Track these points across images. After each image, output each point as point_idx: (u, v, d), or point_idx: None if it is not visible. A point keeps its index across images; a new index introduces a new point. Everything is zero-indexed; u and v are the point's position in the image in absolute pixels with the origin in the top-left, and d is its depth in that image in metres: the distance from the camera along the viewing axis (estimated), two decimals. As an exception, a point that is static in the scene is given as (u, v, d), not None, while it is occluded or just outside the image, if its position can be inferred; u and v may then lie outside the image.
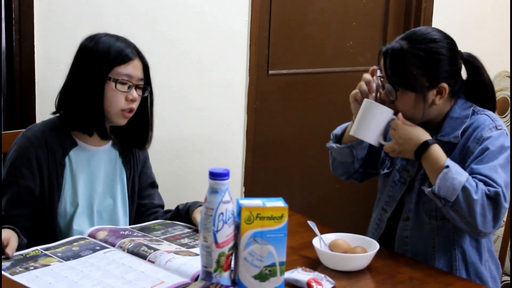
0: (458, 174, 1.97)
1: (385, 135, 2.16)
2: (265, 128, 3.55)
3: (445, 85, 2.10)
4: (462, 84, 2.18)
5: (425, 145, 2.05)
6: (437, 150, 2.05)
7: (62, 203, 2.18)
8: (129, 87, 2.17)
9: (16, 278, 1.79)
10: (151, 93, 2.28)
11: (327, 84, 3.74)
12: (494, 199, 1.96)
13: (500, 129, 2.09)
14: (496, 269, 2.21)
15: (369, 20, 3.82)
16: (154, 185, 2.43)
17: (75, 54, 2.22)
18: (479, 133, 2.08)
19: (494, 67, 4.30)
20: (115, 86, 2.14)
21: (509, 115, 4.16)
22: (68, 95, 2.19)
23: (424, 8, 3.88)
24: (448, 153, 2.09)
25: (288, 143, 3.66)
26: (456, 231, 2.11)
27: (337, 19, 3.70)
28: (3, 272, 1.81)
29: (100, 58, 2.14)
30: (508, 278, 3.41)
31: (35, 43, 2.74)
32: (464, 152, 2.10)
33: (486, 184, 1.98)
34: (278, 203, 1.71)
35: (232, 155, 3.40)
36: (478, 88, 2.20)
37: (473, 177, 1.99)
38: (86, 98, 2.15)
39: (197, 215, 2.15)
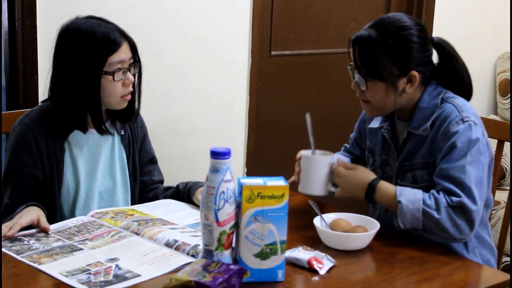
0: (412, 203, 1.98)
1: (333, 180, 2.14)
2: (268, 109, 3.56)
3: (415, 73, 2.07)
4: (434, 70, 2.15)
5: (371, 188, 2.07)
6: (383, 187, 2.06)
7: (64, 188, 2.18)
8: (124, 72, 2.14)
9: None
10: (139, 68, 2.22)
11: (329, 65, 3.74)
12: (459, 207, 1.96)
13: (467, 121, 2.03)
14: (491, 252, 2.20)
15: (371, 1, 3.82)
16: (153, 160, 2.42)
17: (56, 42, 2.16)
18: (446, 127, 2.04)
19: (496, 49, 4.30)
20: (113, 78, 2.11)
21: (509, 98, 4.15)
22: (60, 91, 2.16)
23: (426, -11, 3.88)
24: (420, 146, 2.10)
25: (291, 124, 3.67)
26: None
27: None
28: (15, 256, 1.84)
29: (90, 51, 2.09)
30: (508, 259, 3.42)
31: (37, 22, 2.74)
32: (434, 147, 2.07)
33: (449, 193, 1.98)
34: (279, 182, 1.71)
35: (235, 135, 3.41)
36: (450, 74, 2.16)
37: (436, 188, 2.00)
38: (82, 99, 2.12)
39: (200, 196, 2.16)
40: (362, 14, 3.79)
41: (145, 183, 2.37)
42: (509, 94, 4.14)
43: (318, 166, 2.14)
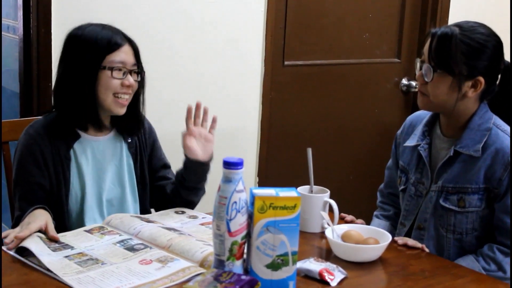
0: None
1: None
2: (280, 119, 3.56)
3: (481, 79, 2.08)
4: (494, 89, 2.16)
5: None
6: None
7: (72, 197, 2.18)
8: (124, 73, 2.14)
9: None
10: (142, 78, 2.23)
11: (342, 76, 3.74)
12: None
13: None
14: None
15: (385, 12, 3.82)
16: (166, 166, 2.41)
17: (61, 50, 2.19)
18: (505, 157, 2.07)
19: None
20: (111, 74, 2.12)
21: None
22: (60, 92, 2.18)
23: (441, 0, 3.87)
24: (469, 166, 2.10)
25: (303, 134, 3.67)
26: (473, 245, 2.14)
27: (353, 10, 3.70)
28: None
29: (91, 48, 2.11)
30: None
31: (52, 30, 2.76)
32: (490, 174, 2.09)
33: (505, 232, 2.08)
34: (291, 193, 1.71)
35: (247, 145, 3.41)
36: (506, 99, 2.18)
37: (496, 222, 2.11)
38: (78, 91, 2.13)
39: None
40: (376, 25, 3.79)
41: (163, 188, 2.37)
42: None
43: (312, 205, 2.14)
